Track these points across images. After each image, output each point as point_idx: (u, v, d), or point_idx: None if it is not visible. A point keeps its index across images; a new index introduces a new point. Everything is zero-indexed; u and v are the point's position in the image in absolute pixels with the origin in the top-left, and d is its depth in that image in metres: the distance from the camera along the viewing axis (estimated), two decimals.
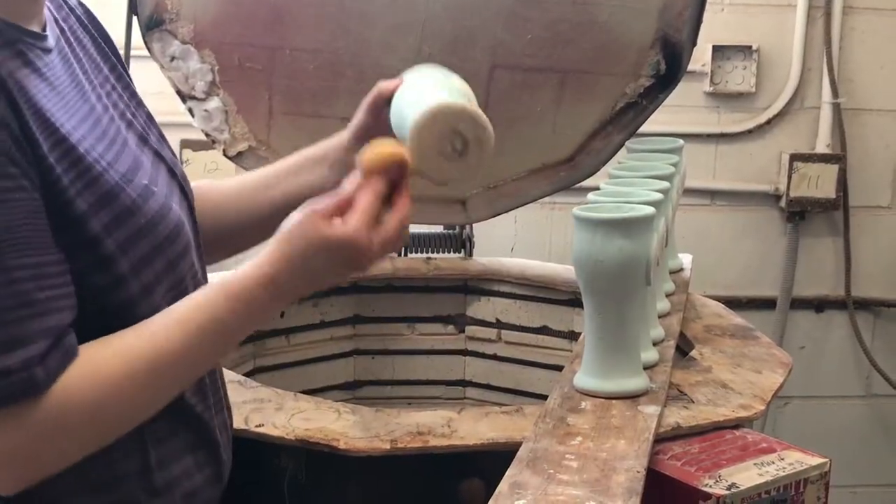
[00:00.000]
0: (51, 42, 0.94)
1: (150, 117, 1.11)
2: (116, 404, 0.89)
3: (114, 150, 0.96)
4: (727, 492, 1.01)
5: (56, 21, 1.00)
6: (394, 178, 0.98)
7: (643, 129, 1.74)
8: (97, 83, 1.02)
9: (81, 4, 1.08)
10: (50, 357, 0.84)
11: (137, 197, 0.95)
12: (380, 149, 0.97)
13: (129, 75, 1.13)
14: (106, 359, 0.89)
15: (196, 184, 1.20)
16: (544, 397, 1.21)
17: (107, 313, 0.92)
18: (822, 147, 2.51)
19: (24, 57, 0.89)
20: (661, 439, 1.11)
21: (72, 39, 1.01)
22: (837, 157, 2.50)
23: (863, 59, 2.51)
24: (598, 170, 1.77)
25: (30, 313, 0.83)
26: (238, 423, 1.18)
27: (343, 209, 0.95)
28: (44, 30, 0.95)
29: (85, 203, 0.89)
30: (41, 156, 0.85)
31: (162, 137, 1.10)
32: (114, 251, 0.91)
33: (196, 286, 1.01)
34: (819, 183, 2.50)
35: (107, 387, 0.88)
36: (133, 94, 1.10)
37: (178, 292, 0.99)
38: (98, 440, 0.90)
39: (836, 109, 2.49)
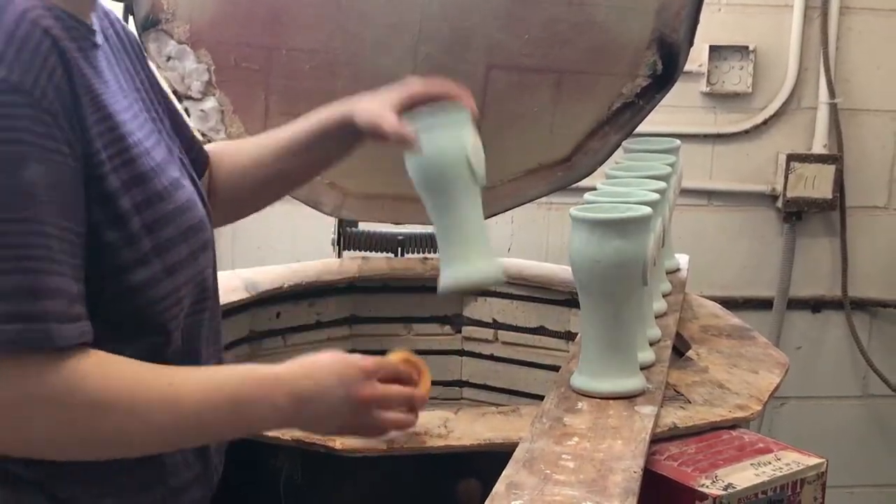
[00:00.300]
0: (99, 40, 1.00)
1: (174, 134, 1.15)
2: (114, 414, 0.89)
3: (150, 141, 1.01)
4: (724, 492, 1.01)
5: (100, 27, 1.03)
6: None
7: (640, 129, 1.74)
8: (133, 90, 1.05)
9: (119, 20, 1.13)
10: (68, 323, 0.85)
11: (169, 185, 1.00)
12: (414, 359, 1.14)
13: (164, 93, 1.19)
14: (121, 371, 0.90)
15: (211, 147, 1.29)
16: (541, 398, 1.21)
17: (130, 293, 0.94)
18: (818, 147, 2.51)
19: (79, 44, 0.93)
20: (657, 440, 1.11)
21: (112, 46, 1.05)
22: (834, 158, 2.50)
23: (859, 60, 2.51)
24: (595, 170, 1.77)
25: (57, 270, 0.85)
26: None
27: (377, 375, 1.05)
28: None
29: (119, 180, 0.93)
30: (85, 128, 0.89)
31: (182, 155, 1.13)
32: (139, 230, 0.94)
33: (213, 283, 1.07)
34: (816, 183, 2.51)
35: (112, 394, 0.89)
36: (164, 108, 1.15)
37: (197, 284, 1.03)
38: (80, 443, 0.89)
39: (833, 110, 2.49)
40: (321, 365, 1.02)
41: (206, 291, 1.07)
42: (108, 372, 0.89)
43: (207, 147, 1.28)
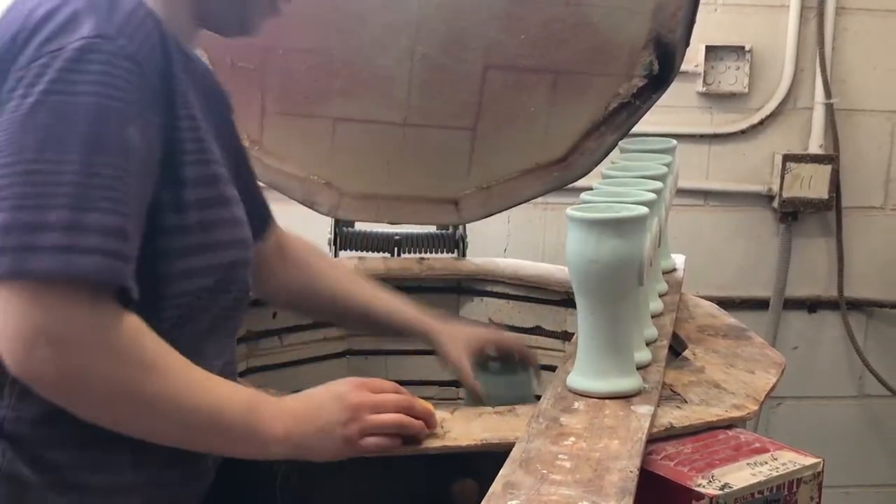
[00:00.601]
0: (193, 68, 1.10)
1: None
2: (158, 378, 0.93)
3: (221, 157, 1.09)
4: (720, 492, 1.01)
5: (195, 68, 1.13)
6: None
7: (636, 129, 1.74)
8: (213, 127, 1.12)
9: (209, 70, 1.24)
10: (125, 270, 0.90)
11: (231, 196, 1.08)
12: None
13: (242, 145, 1.31)
14: (152, 341, 0.94)
15: (293, 240, 1.43)
16: (537, 397, 1.21)
17: (159, 279, 0.99)
18: (814, 147, 2.52)
19: (177, 55, 1.02)
20: (654, 439, 1.11)
21: (197, 82, 1.11)
22: (830, 158, 2.51)
23: (855, 60, 2.51)
24: (592, 170, 1.77)
25: (133, 223, 0.92)
26: None
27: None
28: None
29: (193, 172, 1.01)
30: (176, 116, 0.99)
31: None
32: (194, 224, 1.01)
33: (242, 304, 1.13)
34: (812, 183, 2.51)
35: (162, 359, 0.94)
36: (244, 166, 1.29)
37: (231, 294, 1.08)
38: (123, 399, 0.93)
39: (829, 110, 2.50)
40: (314, 389, 1.10)
41: (233, 305, 1.10)
42: (157, 338, 0.95)
43: (292, 235, 1.43)
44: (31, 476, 0.96)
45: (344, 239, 1.97)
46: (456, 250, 1.96)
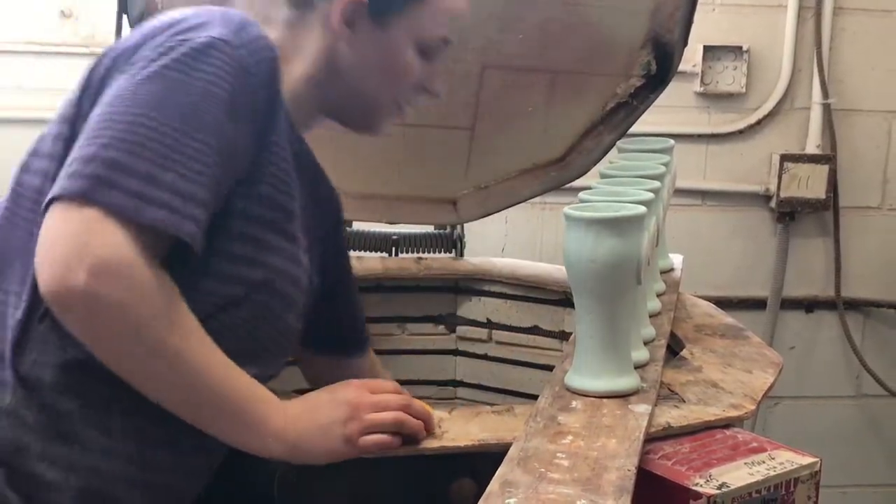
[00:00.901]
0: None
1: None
2: (179, 338, 0.97)
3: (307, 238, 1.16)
4: (717, 491, 1.01)
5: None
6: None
7: (634, 128, 1.74)
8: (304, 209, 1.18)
9: (319, 167, 1.31)
10: (183, 226, 0.95)
11: (298, 236, 1.13)
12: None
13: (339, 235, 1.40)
14: (187, 308, 0.99)
15: None
16: (535, 397, 1.21)
17: (201, 274, 1.03)
18: (812, 148, 2.52)
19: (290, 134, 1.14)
20: (651, 439, 1.11)
21: (301, 167, 1.18)
22: (827, 158, 2.51)
23: (853, 60, 2.52)
24: (589, 169, 1.77)
25: (198, 181, 0.97)
26: None
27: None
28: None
29: (267, 192, 1.07)
30: (267, 140, 1.07)
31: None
32: (252, 237, 1.06)
33: (278, 343, 1.14)
34: (809, 183, 2.51)
35: (190, 320, 0.98)
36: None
37: (266, 325, 1.10)
38: (144, 346, 0.95)
39: (827, 110, 2.50)
40: (315, 392, 1.12)
41: (267, 337, 1.12)
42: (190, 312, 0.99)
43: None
44: (36, 421, 0.99)
45: None
46: (454, 250, 1.96)
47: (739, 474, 1.05)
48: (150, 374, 0.97)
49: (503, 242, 2.47)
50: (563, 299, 1.79)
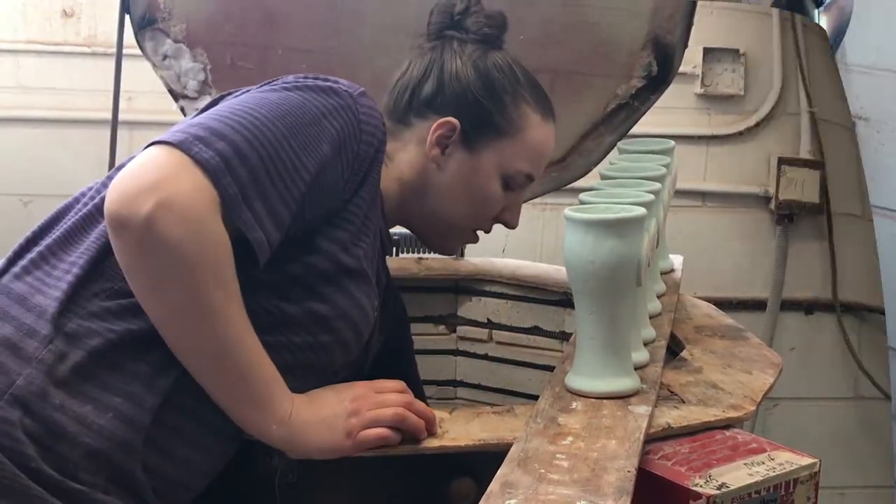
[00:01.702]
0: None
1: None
2: (210, 283, 0.98)
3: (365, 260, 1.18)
4: (717, 491, 1.01)
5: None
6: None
7: (634, 130, 1.74)
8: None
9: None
10: (268, 248, 1.02)
11: (367, 278, 1.16)
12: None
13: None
14: (237, 281, 1.01)
15: None
16: (535, 397, 1.21)
17: (259, 286, 1.06)
18: (804, 153, 2.52)
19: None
20: (651, 439, 1.12)
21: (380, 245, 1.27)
22: (819, 164, 2.51)
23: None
24: (590, 170, 1.77)
25: (290, 211, 1.04)
26: None
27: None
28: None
29: (345, 238, 1.12)
30: (355, 193, 1.13)
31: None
32: (316, 277, 1.10)
33: (323, 372, 1.16)
34: (804, 187, 2.51)
35: (228, 283, 1.00)
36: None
37: (311, 354, 1.13)
38: (180, 289, 0.98)
39: (813, 117, 2.50)
40: (321, 389, 1.13)
41: (311, 364, 1.14)
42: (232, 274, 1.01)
43: None
44: (64, 376, 1.01)
45: None
46: None
47: (739, 475, 1.05)
48: (183, 323, 0.99)
49: (504, 243, 2.47)
50: (564, 300, 1.79)
